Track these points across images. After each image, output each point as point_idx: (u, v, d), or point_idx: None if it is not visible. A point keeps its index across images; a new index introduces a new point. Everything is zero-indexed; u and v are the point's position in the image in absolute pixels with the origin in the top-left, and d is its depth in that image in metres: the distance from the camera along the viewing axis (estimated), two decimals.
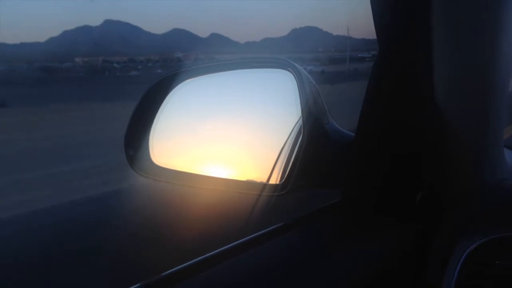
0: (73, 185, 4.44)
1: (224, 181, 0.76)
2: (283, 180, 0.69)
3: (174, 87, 0.78)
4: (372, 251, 0.69)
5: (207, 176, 0.77)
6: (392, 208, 0.74)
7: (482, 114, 0.70)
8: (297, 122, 0.72)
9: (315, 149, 0.68)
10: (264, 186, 0.72)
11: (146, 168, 0.77)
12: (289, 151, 0.73)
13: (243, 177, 0.75)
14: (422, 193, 0.73)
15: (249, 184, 0.74)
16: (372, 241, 0.71)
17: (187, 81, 0.79)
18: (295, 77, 0.70)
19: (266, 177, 0.73)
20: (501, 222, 0.65)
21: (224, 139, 0.80)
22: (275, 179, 0.72)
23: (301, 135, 0.69)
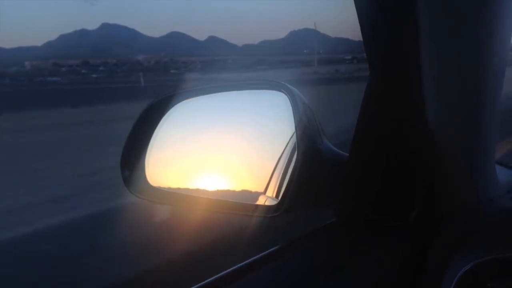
0: None
1: (219, 203, 0.76)
2: (278, 201, 0.70)
3: (170, 108, 0.79)
4: (366, 271, 0.70)
5: (202, 198, 0.77)
6: (386, 227, 0.75)
7: (473, 132, 0.70)
8: (291, 143, 0.73)
9: (309, 170, 0.69)
10: (259, 207, 0.73)
11: (141, 189, 0.78)
12: (283, 172, 0.73)
13: (238, 199, 0.75)
14: (416, 212, 0.74)
15: (244, 205, 0.74)
16: (366, 262, 0.71)
17: (183, 102, 0.79)
18: (289, 99, 0.71)
19: (261, 198, 0.74)
20: (492, 244, 0.65)
21: (219, 160, 0.80)
22: (270, 201, 0.73)
23: (295, 156, 0.69)
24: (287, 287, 0.64)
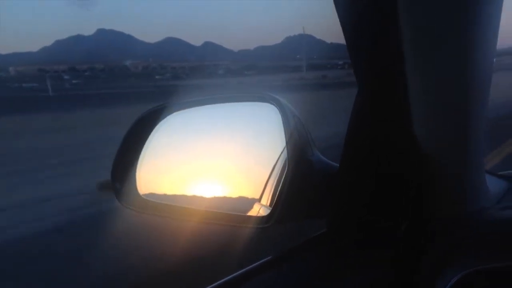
0: None
1: (210, 214, 0.76)
2: (269, 212, 0.70)
3: (160, 120, 0.79)
4: (358, 280, 0.70)
5: (193, 209, 0.77)
6: (376, 239, 0.75)
7: (462, 141, 0.70)
8: (282, 154, 0.73)
9: (300, 182, 0.69)
10: (251, 218, 0.73)
11: (133, 201, 0.78)
12: (275, 183, 0.73)
13: (229, 210, 0.76)
14: (406, 224, 0.74)
15: (236, 216, 0.75)
16: (358, 271, 0.71)
17: (173, 114, 0.80)
18: (279, 111, 0.72)
19: (253, 209, 0.74)
20: (482, 255, 0.65)
21: (211, 171, 0.81)
22: (261, 211, 0.73)
23: (286, 168, 0.70)
24: None
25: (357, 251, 0.74)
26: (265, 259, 0.72)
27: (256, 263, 0.71)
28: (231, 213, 0.75)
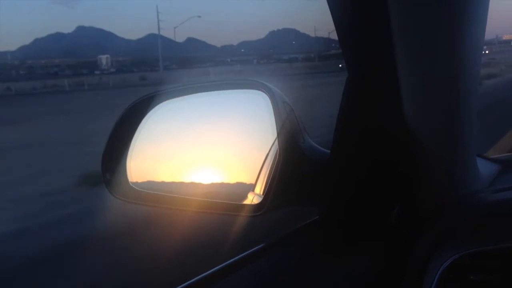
0: None
1: (202, 203, 0.76)
2: (261, 200, 0.70)
3: (150, 110, 0.78)
4: (350, 267, 0.71)
5: (185, 198, 0.77)
6: (367, 226, 0.75)
7: (453, 126, 0.71)
8: (273, 142, 0.73)
9: (291, 169, 0.69)
10: (244, 207, 0.73)
11: (124, 191, 0.77)
12: (268, 171, 0.73)
13: (221, 199, 0.75)
14: (398, 210, 0.75)
15: (228, 205, 0.74)
16: (350, 258, 0.72)
17: (163, 103, 0.79)
18: (269, 98, 0.71)
19: (245, 198, 0.74)
20: (474, 237, 0.66)
21: (201, 161, 0.80)
22: (255, 200, 0.73)
23: (277, 155, 0.69)
24: (273, 284, 0.64)
25: (349, 238, 0.75)
26: (257, 247, 0.72)
27: (249, 251, 0.71)
28: (224, 202, 0.75)
